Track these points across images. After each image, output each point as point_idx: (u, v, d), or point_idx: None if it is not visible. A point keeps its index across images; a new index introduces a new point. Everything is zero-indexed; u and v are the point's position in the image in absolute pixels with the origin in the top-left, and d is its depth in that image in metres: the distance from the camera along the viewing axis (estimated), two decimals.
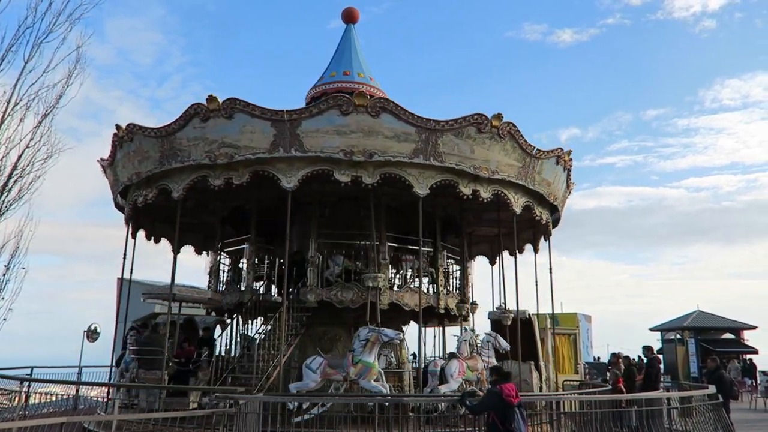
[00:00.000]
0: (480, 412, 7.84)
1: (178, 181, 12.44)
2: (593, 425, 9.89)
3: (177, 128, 12.04)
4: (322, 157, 11.32)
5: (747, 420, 19.64)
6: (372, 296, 12.86)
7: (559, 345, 18.08)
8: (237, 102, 11.35)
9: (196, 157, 11.96)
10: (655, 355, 14.90)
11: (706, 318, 36.01)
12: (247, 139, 11.45)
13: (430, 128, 11.50)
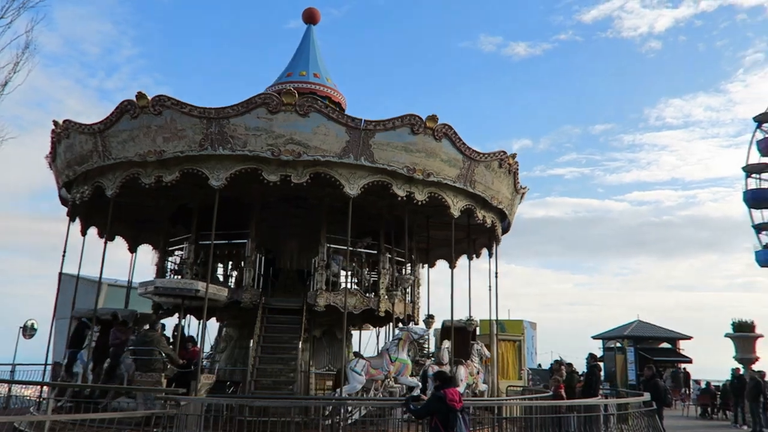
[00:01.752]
0: (423, 416, 7.90)
1: (111, 178, 12.21)
2: (534, 430, 10.12)
3: (109, 125, 11.82)
4: (250, 156, 11.13)
5: (678, 426, 20.51)
6: (310, 298, 12.98)
7: (504, 351, 18.40)
8: (166, 99, 11.20)
9: (127, 154, 11.73)
10: (596, 363, 15.34)
11: (645, 328, 37.36)
12: (176, 137, 11.28)
13: (360, 128, 11.33)
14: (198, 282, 11.93)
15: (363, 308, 13.66)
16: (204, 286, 11.52)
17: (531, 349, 27.55)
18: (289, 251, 15.05)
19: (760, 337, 21.67)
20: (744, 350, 21.37)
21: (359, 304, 13.63)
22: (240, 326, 14.75)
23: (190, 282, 12.18)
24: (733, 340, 21.89)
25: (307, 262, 14.70)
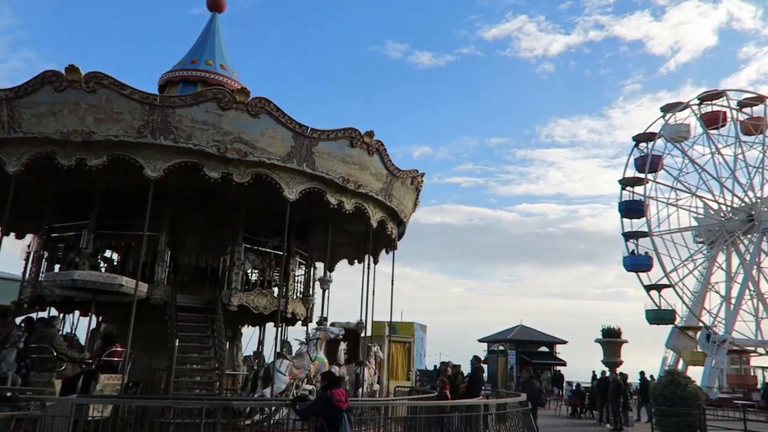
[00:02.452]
0: (309, 417, 7.87)
1: (16, 154, 10.92)
2: (418, 429, 10.37)
3: (22, 94, 10.64)
4: (193, 150, 10.65)
5: (550, 425, 21.90)
6: (225, 298, 12.72)
7: (394, 352, 18.77)
8: (104, 77, 10.36)
9: (44, 130, 10.61)
10: (479, 365, 16.04)
11: (527, 332, 39.61)
12: (111, 119, 10.45)
13: (306, 135, 11.40)
14: (122, 277, 11.29)
15: (272, 309, 13.49)
16: (128, 281, 10.88)
17: (420, 350, 28.29)
18: (187, 247, 14.40)
19: (625, 342, 23.70)
20: (611, 354, 23.26)
21: (269, 305, 13.55)
22: (120, 323, 13.89)
23: (114, 276, 11.43)
24: (601, 345, 23.75)
25: (208, 259, 14.37)
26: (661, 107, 49.35)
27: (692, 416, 16.09)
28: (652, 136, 47.39)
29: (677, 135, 47.38)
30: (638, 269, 45.67)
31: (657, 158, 46.81)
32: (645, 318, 45.34)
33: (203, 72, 14.94)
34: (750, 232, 45.32)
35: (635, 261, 45.66)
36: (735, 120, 47.63)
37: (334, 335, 13.14)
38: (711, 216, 46.97)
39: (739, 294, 44.79)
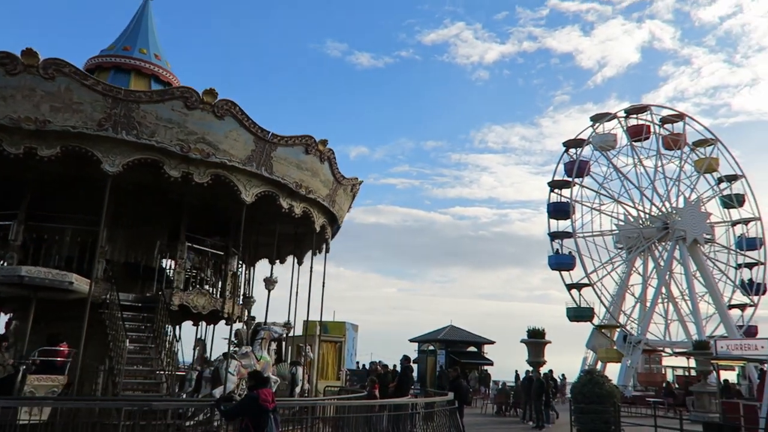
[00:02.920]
0: (234, 417, 7.72)
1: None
2: (347, 429, 10.38)
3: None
4: (156, 147, 10.44)
5: (476, 423, 22.44)
6: (166, 296, 12.66)
7: (325, 352, 18.70)
8: (64, 65, 9.87)
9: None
10: (409, 364, 16.23)
11: (457, 332, 40.43)
12: (70, 110, 9.96)
13: (267, 140, 11.49)
14: (72, 274, 10.81)
15: (211, 309, 13.47)
16: (78, 278, 10.45)
17: (351, 350, 28.32)
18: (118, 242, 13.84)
19: (549, 343, 24.57)
20: (535, 354, 24.05)
21: (208, 305, 13.47)
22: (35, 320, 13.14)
23: (63, 273, 10.88)
24: (527, 345, 24.51)
25: (137, 256, 14.10)
26: (591, 117, 51.67)
27: (608, 413, 16.88)
28: (581, 143, 49.67)
29: (604, 144, 49.85)
30: (562, 268, 47.62)
31: (584, 164, 49.06)
32: (566, 315, 47.35)
33: (137, 60, 14.42)
34: (665, 239, 48.18)
35: (559, 260, 47.64)
36: (657, 134, 50.73)
37: (278, 335, 13.43)
38: (630, 223, 49.55)
39: (654, 297, 47.50)
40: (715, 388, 23.39)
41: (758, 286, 47.75)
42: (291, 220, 13.56)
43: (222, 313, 13.93)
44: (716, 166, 50.28)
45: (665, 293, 48.44)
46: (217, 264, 15.04)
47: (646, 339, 45.24)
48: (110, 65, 14.05)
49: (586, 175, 49.48)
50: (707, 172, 50.49)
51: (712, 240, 49.53)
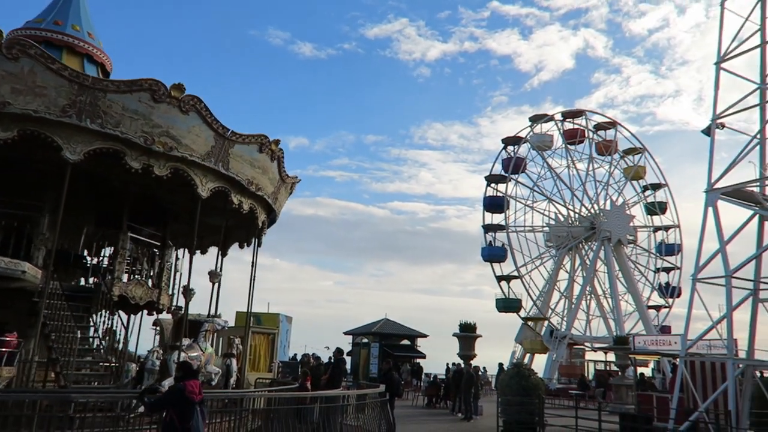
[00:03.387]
0: (159, 409, 7.47)
1: None
2: (277, 421, 10.29)
3: None
4: (120, 137, 10.33)
5: (408, 414, 22.76)
6: (106, 286, 12.56)
7: (257, 344, 18.43)
8: (30, 46, 9.45)
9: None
10: (341, 356, 16.24)
11: (391, 326, 40.77)
12: (33, 93, 9.55)
13: (226, 137, 11.61)
14: (24, 263, 10.52)
15: (147, 299, 13.48)
16: (31, 267, 10.21)
17: (285, 342, 28.08)
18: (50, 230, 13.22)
19: (479, 337, 25.19)
20: (466, 348, 24.59)
21: (145, 296, 13.42)
22: None
23: (16, 262, 10.48)
24: (458, 339, 25.03)
25: (67, 244, 13.81)
26: (530, 117, 53.40)
27: (533, 405, 17.51)
28: (519, 141, 51.33)
29: (541, 143, 51.81)
30: (494, 260, 49.13)
31: (521, 161, 50.82)
32: (495, 306, 48.88)
33: (70, 37, 13.68)
34: (591, 239, 50.39)
35: (492, 252, 49.17)
36: (591, 139, 53.04)
37: (221, 327, 13.73)
38: (560, 222, 51.53)
39: (579, 295, 49.65)
40: (632, 381, 24.69)
41: (674, 289, 50.82)
42: (225, 212, 13.39)
43: (158, 304, 13.94)
44: (643, 174, 53.20)
45: (590, 291, 50.76)
46: (153, 254, 14.76)
47: (571, 334, 47.23)
48: (40, 39, 13.19)
49: (522, 173, 51.14)
50: (634, 179, 53.41)
51: (635, 241, 52.21)
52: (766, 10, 18.69)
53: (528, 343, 47.85)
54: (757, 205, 17.53)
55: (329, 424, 11.02)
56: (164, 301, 14.56)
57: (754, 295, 17.37)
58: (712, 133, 18.78)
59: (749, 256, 17.32)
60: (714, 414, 15.59)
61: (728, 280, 16.86)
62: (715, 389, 16.90)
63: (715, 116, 18.85)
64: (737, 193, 17.68)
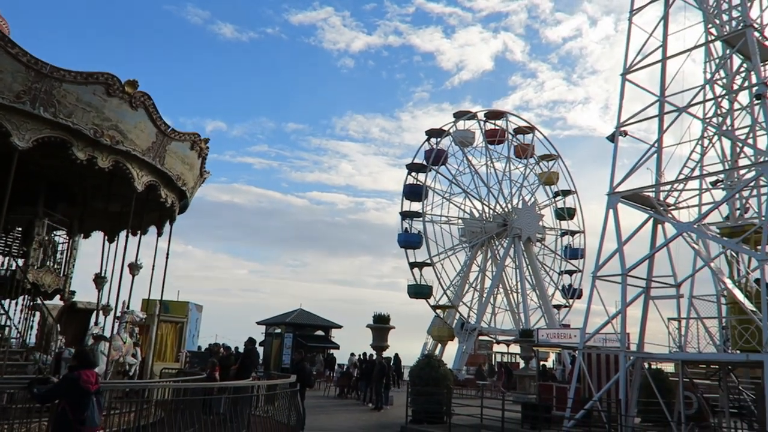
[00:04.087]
0: (50, 400, 7.01)
1: None
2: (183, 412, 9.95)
3: None
4: (71, 128, 10.15)
5: (319, 405, 22.77)
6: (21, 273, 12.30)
7: (164, 333, 17.76)
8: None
9: None
10: (253, 346, 15.95)
11: (306, 316, 40.56)
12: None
13: (166, 134, 11.75)
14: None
15: (55, 287, 13.26)
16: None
17: (194, 331, 27.23)
18: None
19: (393, 328, 25.59)
20: (379, 339, 24.90)
21: (53, 283, 13.17)
22: None
23: None
24: (372, 330, 25.28)
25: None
26: (454, 113, 55.09)
27: (441, 395, 18.01)
28: (442, 133, 52.80)
29: (464, 139, 53.67)
30: (409, 246, 50.39)
31: (442, 153, 52.36)
32: (407, 292, 49.91)
33: None
34: (503, 236, 52.42)
35: (408, 238, 50.37)
36: (510, 142, 55.10)
37: (140, 319, 13.95)
38: (475, 217, 53.25)
39: (490, 289, 51.55)
40: (535, 372, 25.95)
41: (575, 290, 53.92)
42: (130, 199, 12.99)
43: (64, 291, 13.66)
44: (555, 180, 56.27)
45: (499, 285, 52.87)
46: (54, 241, 14.24)
47: (481, 327, 48.97)
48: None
49: (442, 165, 52.40)
50: (547, 184, 56.51)
51: (543, 239, 54.85)
52: (668, 28, 20.08)
53: (436, 330, 49.32)
54: (652, 209, 18.85)
55: (237, 415, 10.80)
56: (68, 289, 13.96)
57: (646, 292, 18.71)
58: (616, 140, 19.99)
59: (643, 256, 18.61)
60: (607, 402, 16.66)
61: (624, 278, 18.04)
62: (609, 380, 18.08)
63: (619, 124, 20.07)
64: (635, 197, 18.94)
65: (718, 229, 19.14)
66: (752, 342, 15.32)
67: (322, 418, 18.76)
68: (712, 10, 19.98)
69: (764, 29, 19.21)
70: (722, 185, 19.74)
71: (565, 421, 17.45)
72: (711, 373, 21.31)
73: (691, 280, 18.95)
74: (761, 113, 17.61)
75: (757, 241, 16.27)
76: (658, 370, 20.70)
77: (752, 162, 18.45)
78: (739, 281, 17.96)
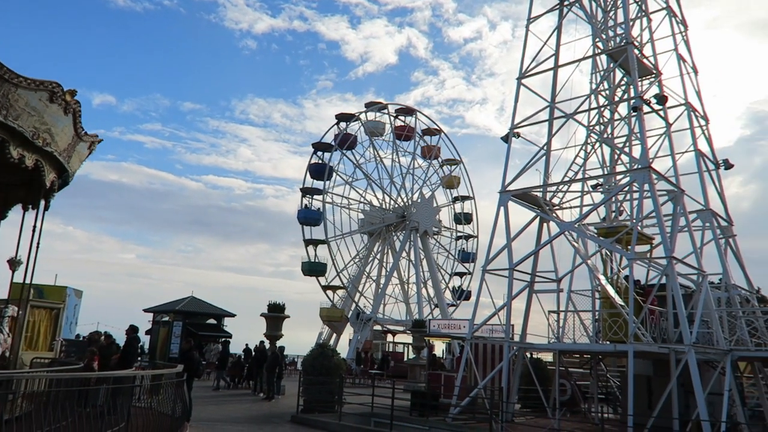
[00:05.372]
0: None
1: None
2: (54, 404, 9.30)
3: None
4: (16, 130, 10.15)
5: (208, 395, 22.13)
6: None
7: (37, 320, 16.39)
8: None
9: None
10: (135, 335, 15.16)
11: (197, 304, 39.25)
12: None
13: (82, 138, 11.93)
14: None
15: None
16: None
17: (72, 318, 25.48)
18: None
19: (287, 317, 25.31)
20: (273, 328, 24.54)
21: None
22: None
23: None
24: (266, 319, 24.89)
25: None
26: (366, 103, 55.54)
27: (333, 384, 18.12)
28: (352, 117, 53.16)
29: (375, 129, 54.35)
30: (308, 223, 50.22)
31: (350, 136, 52.59)
32: (300, 269, 49.95)
33: None
34: (401, 228, 53.55)
35: (308, 214, 50.28)
36: (417, 142, 56.63)
37: (16, 311, 13.31)
38: (375, 208, 53.96)
39: (387, 280, 52.45)
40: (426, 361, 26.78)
41: (464, 292, 56.28)
42: None
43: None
44: (456, 185, 58.49)
45: (395, 276, 53.99)
46: None
47: (377, 317, 49.76)
48: None
49: (349, 149, 52.52)
50: (448, 188, 58.48)
51: (439, 232, 56.62)
52: (560, 39, 21.35)
53: (325, 311, 49.59)
54: (539, 208, 20.02)
55: (117, 407, 10.26)
56: None
57: (530, 286, 19.88)
58: (509, 141, 21.01)
59: (528, 252, 19.75)
60: (490, 390, 17.54)
61: (511, 272, 19.06)
62: (494, 368, 19.05)
63: (513, 126, 21.10)
64: (525, 197, 20.04)
65: (596, 229, 20.69)
66: (620, 334, 16.75)
67: (210, 408, 18.25)
68: (600, 26, 21.49)
69: (644, 47, 20.94)
70: (601, 189, 21.37)
71: (451, 408, 18.19)
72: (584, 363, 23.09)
73: (570, 275, 20.42)
74: (637, 124, 19.21)
75: (628, 242, 17.78)
76: (538, 360, 22.08)
77: (627, 169, 20.11)
78: (611, 278, 19.53)
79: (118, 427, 10.07)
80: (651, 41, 21.16)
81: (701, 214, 19.96)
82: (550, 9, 22.07)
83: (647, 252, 19.93)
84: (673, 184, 18.27)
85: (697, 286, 17.73)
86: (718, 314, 17.15)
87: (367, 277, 53.63)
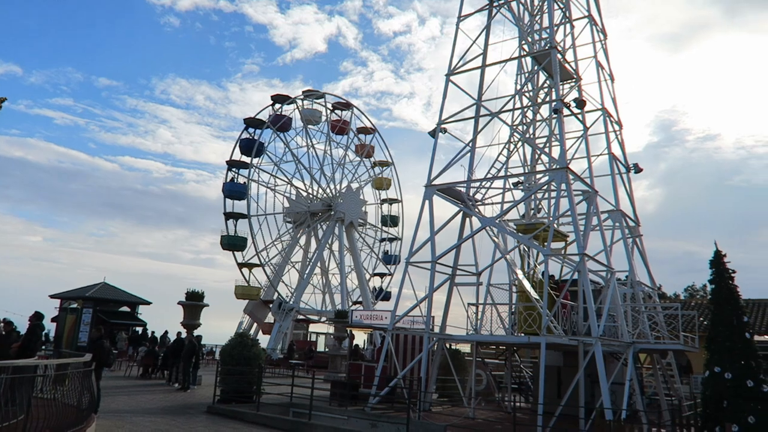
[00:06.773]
0: None
1: None
2: None
3: None
4: None
5: (119, 386, 21.19)
6: None
7: None
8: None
9: None
10: (39, 322, 14.28)
11: (109, 290, 37.54)
12: None
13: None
14: None
15: None
16: None
17: None
18: None
19: (206, 306, 24.62)
20: (191, 317, 23.80)
21: None
22: None
23: None
24: (183, 307, 24.11)
25: None
26: (303, 90, 54.79)
27: (252, 374, 17.83)
28: (286, 99, 52.40)
29: (311, 117, 53.78)
30: (233, 196, 49.33)
31: (283, 117, 51.81)
32: (220, 243, 49.11)
33: None
34: (327, 219, 53.30)
35: (233, 187, 49.38)
36: (350, 138, 56.59)
37: None
38: (300, 198, 53.41)
39: (310, 270, 52.11)
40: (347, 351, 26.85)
41: (384, 292, 56.87)
42: None
43: None
44: (386, 186, 58.85)
45: (319, 266, 53.75)
46: None
47: (300, 307, 49.37)
48: None
49: (282, 130, 51.93)
50: (378, 188, 58.89)
51: (365, 224, 56.84)
52: (489, 38, 21.88)
53: (240, 289, 48.89)
54: (462, 203, 20.50)
55: (16, 398, 9.63)
56: None
57: (452, 279, 20.36)
58: (436, 137, 21.36)
59: (451, 246, 20.20)
60: (409, 380, 17.85)
61: (433, 265, 19.43)
62: (414, 359, 19.38)
63: (440, 121, 21.46)
64: (449, 191, 20.46)
65: (515, 225, 21.46)
66: (534, 326, 17.48)
67: (121, 399, 17.49)
68: (527, 29, 22.19)
69: (566, 52, 21.82)
70: (522, 187, 22.15)
71: (370, 397, 18.37)
72: (500, 354, 23.94)
73: (490, 269, 21.07)
74: (557, 126, 20.03)
75: (545, 238, 18.55)
76: (456, 351, 22.66)
77: (546, 168, 20.94)
78: (528, 273, 20.32)
79: (16, 419, 9.46)
80: (573, 47, 22.09)
81: (612, 214, 21.11)
82: (480, 9, 22.58)
83: (562, 249, 20.90)
84: (588, 184, 19.20)
85: (606, 282, 18.76)
86: (623, 309, 18.24)
87: (290, 265, 53.06)
